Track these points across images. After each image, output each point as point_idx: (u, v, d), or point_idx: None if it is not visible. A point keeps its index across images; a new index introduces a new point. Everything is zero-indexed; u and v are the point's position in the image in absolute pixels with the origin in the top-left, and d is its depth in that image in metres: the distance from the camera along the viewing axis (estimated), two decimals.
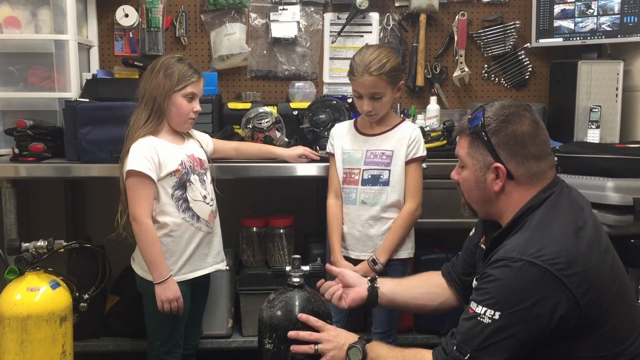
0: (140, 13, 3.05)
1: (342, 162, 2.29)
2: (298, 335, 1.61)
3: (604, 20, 2.92)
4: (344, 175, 2.28)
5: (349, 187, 2.27)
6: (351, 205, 2.27)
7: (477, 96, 3.27)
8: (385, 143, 2.25)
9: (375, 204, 2.24)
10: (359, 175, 2.25)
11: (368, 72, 2.12)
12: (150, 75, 2.14)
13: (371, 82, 2.13)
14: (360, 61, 2.14)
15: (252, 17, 3.15)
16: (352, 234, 2.27)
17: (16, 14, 2.68)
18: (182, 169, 2.13)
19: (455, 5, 3.20)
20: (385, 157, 2.24)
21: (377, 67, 2.11)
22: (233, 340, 2.75)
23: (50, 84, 2.70)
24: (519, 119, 1.49)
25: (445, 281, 1.86)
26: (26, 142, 2.49)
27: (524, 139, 1.48)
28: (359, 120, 2.34)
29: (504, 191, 1.52)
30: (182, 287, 2.13)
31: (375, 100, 2.17)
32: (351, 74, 2.18)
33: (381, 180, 2.23)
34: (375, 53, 2.15)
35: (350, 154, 2.28)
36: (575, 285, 1.36)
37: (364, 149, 2.27)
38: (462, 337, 1.43)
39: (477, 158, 1.53)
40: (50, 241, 2.08)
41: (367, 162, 2.25)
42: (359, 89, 2.17)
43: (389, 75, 2.14)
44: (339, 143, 2.31)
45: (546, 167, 1.51)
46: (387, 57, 2.15)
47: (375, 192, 2.23)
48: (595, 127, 2.80)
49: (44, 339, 1.97)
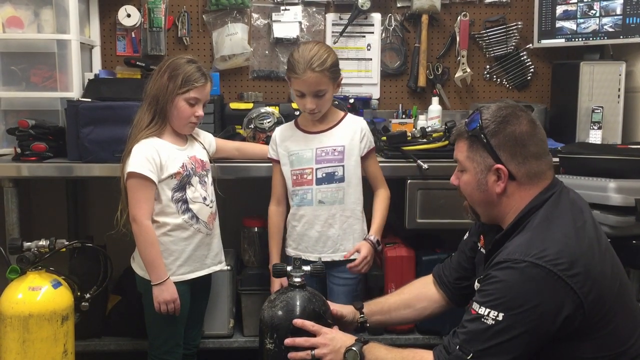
0: (142, 13, 3.05)
1: (291, 164, 2.24)
2: (294, 342, 1.61)
3: (606, 21, 2.92)
4: (294, 177, 2.24)
5: (302, 189, 2.22)
6: (307, 206, 2.22)
7: (479, 97, 3.27)
8: (334, 139, 2.21)
9: (334, 202, 2.20)
10: (311, 174, 2.21)
11: (310, 69, 2.07)
12: (157, 75, 2.13)
13: (314, 79, 2.08)
14: (300, 58, 2.09)
15: (254, 18, 3.16)
16: (310, 235, 2.23)
17: (19, 13, 2.68)
18: (184, 171, 2.13)
19: (457, 5, 3.20)
20: (337, 153, 2.20)
21: (319, 63, 2.07)
22: (234, 340, 2.75)
23: (52, 83, 2.70)
24: (516, 119, 1.50)
25: (435, 284, 1.87)
26: (28, 141, 2.49)
27: (523, 139, 1.49)
28: (300, 120, 2.30)
29: (506, 193, 1.53)
30: (181, 288, 2.13)
31: (318, 98, 2.13)
32: (291, 71, 2.12)
33: (336, 177, 2.20)
34: (315, 49, 2.10)
35: (299, 155, 2.23)
36: (579, 286, 1.36)
37: (312, 147, 2.21)
38: (465, 337, 1.43)
39: (478, 161, 1.53)
40: (52, 241, 2.09)
41: (319, 160, 2.20)
42: (301, 87, 2.11)
43: (330, 71, 2.11)
44: (283, 146, 2.27)
45: (546, 166, 1.52)
46: (327, 53, 2.11)
47: (333, 190, 2.20)
48: (597, 128, 2.80)
49: (46, 339, 1.98)
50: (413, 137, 2.75)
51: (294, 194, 2.25)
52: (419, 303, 1.87)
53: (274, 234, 2.30)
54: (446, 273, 1.85)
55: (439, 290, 1.86)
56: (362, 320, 1.84)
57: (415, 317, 1.92)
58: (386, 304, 1.89)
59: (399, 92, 3.25)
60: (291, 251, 2.29)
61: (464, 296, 1.82)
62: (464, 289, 1.81)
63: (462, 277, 1.81)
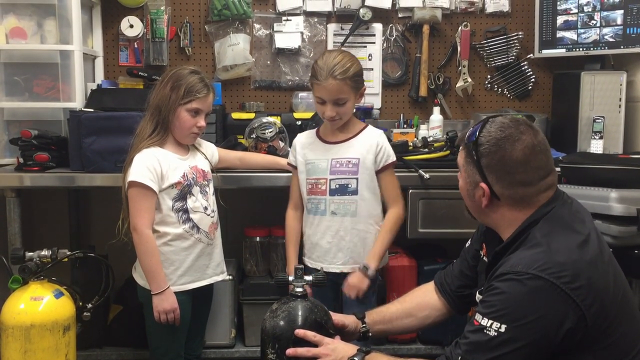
0: (145, 24, 3.07)
1: (307, 172, 2.24)
2: (296, 352, 1.60)
3: (606, 31, 2.93)
4: (309, 186, 2.24)
5: (316, 198, 2.22)
6: (320, 216, 2.22)
7: (480, 107, 3.27)
8: (350, 151, 2.20)
9: (345, 214, 2.19)
10: (325, 185, 2.20)
11: (332, 76, 2.08)
12: (160, 86, 2.14)
13: (336, 87, 2.09)
14: (323, 65, 2.10)
15: (256, 28, 3.17)
16: (321, 245, 2.23)
17: (22, 24, 2.69)
18: (184, 181, 2.13)
19: (458, 16, 3.21)
20: (351, 165, 2.19)
21: (342, 71, 2.08)
22: (236, 351, 2.74)
23: (55, 94, 2.71)
24: (511, 144, 1.47)
25: (437, 292, 1.86)
26: (31, 151, 2.50)
27: (511, 166, 1.47)
28: (321, 129, 2.30)
29: (492, 209, 1.54)
30: (182, 297, 2.13)
31: (339, 106, 2.13)
32: (314, 78, 2.13)
33: (349, 189, 2.19)
34: (338, 57, 2.11)
35: (314, 164, 2.23)
36: (581, 298, 1.36)
37: (328, 157, 2.21)
38: (467, 347, 1.43)
39: (469, 172, 1.55)
40: (54, 250, 2.09)
41: (333, 171, 2.20)
42: (322, 94, 2.12)
43: (352, 80, 2.11)
44: (302, 153, 2.27)
45: (537, 191, 1.49)
46: (350, 62, 2.12)
47: (345, 202, 2.19)
48: (598, 137, 2.80)
49: (47, 349, 1.97)
50: (414, 146, 2.76)
51: (309, 202, 2.25)
52: (421, 312, 1.87)
53: (291, 238, 2.29)
54: (448, 281, 1.85)
55: (441, 298, 1.85)
56: (364, 330, 1.84)
57: (417, 326, 1.91)
58: (387, 313, 1.88)
59: (400, 101, 3.25)
60: (306, 259, 2.29)
61: (465, 304, 1.82)
62: (465, 297, 1.81)
63: (464, 285, 1.80)
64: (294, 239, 2.28)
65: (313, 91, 2.18)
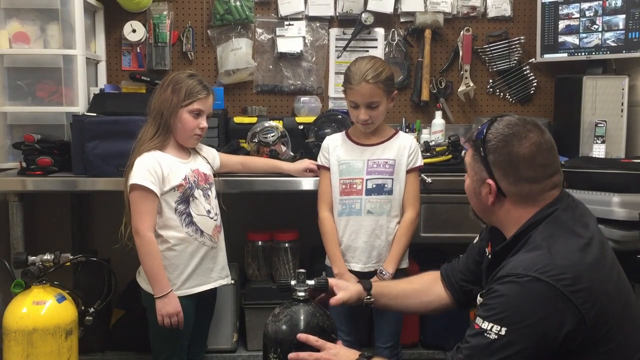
0: (147, 28, 3.08)
1: (340, 173, 2.27)
2: (298, 356, 1.61)
3: (608, 35, 2.93)
4: (342, 186, 2.27)
5: (350, 198, 2.26)
6: (355, 215, 2.25)
7: (482, 111, 3.27)
8: (387, 152, 2.26)
9: (382, 213, 2.24)
10: (361, 185, 2.24)
11: (365, 80, 2.13)
12: (160, 90, 2.16)
13: (368, 90, 2.14)
14: (356, 70, 2.16)
15: (258, 33, 3.18)
16: (356, 245, 2.26)
17: (25, 29, 2.70)
18: (186, 183, 2.14)
19: (460, 20, 3.21)
20: (388, 166, 2.24)
21: (374, 76, 2.14)
22: (238, 355, 2.74)
23: (58, 98, 2.72)
24: (518, 141, 1.49)
25: (442, 283, 1.87)
26: (34, 155, 2.50)
27: (518, 162, 1.48)
28: (350, 132, 2.34)
29: (498, 206, 1.54)
30: (186, 302, 2.13)
31: (371, 110, 2.18)
32: (347, 82, 2.19)
33: (386, 189, 2.24)
34: (370, 62, 2.18)
35: (349, 164, 2.27)
36: (581, 302, 1.36)
37: (364, 158, 2.26)
38: (468, 352, 1.42)
39: (476, 170, 1.56)
40: (57, 255, 2.09)
41: (370, 171, 2.25)
42: (355, 98, 2.18)
43: (384, 84, 2.16)
44: (334, 154, 2.30)
45: (542, 189, 1.50)
46: (382, 67, 2.18)
47: (382, 201, 2.24)
48: (600, 142, 2.80)
49: (50, 353, 1.98)
50: None
51: (341, 203, 2.27)
52: (426, 296, 1.88)
53: (333, 238, 2.27)
54: (453, 274, 1.85)
55: (446, 289, 1.86)
56: (368, 301, 1.85)
57: (419, 309, 1.93)
58: (395, 290, 1.90)
59: (402, 106, 3.26)
60: None
61: (468, 300, 1.83)
62: (468, 293, 1.81)
63: (468, 281, 1.81)
64: (336, 239, 2.27)
65: (346, 96, 2.23)
